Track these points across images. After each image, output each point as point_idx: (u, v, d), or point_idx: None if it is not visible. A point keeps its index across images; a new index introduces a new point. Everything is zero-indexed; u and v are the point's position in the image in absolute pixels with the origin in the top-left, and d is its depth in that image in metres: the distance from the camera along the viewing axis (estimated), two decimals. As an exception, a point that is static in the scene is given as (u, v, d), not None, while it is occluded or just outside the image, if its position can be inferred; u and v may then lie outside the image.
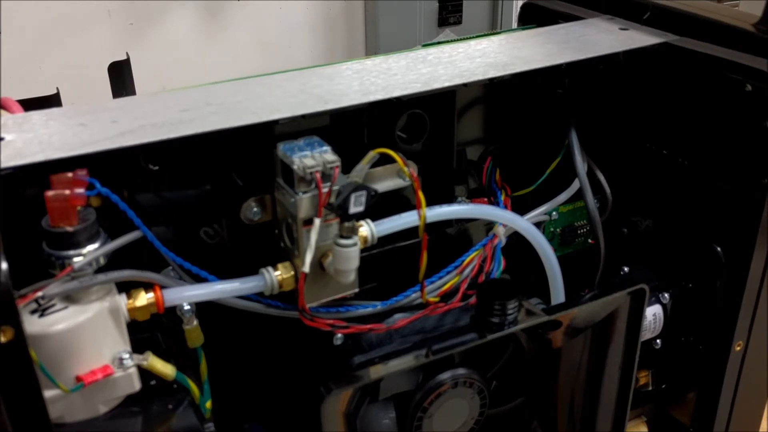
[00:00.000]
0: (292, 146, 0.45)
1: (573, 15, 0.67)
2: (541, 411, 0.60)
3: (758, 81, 0.53)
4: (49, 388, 0.40)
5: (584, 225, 0.68)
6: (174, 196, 0.49)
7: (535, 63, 0.54)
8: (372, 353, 0.52)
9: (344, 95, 0.49)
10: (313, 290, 0.48)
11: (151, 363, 0.44)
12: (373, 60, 0.56)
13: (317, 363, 0.53)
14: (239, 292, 0.47)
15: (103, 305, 0.42)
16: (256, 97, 0.49)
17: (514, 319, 0.50)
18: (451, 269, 0.55)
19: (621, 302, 0.55)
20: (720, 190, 0.57)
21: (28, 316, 0.40)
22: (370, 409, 0.51)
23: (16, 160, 0.40)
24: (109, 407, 0.44)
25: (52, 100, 0.61)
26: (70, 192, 0.40)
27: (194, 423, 0.49)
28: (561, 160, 0.63)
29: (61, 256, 0.41)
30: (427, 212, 0.48)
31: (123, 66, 0.70)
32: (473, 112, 0.61)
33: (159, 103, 0.48)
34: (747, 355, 0.61)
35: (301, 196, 0.45)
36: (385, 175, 0.52)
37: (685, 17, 0.61)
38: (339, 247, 0.45)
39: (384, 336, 0.53)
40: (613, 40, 0.60)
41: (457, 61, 0.55)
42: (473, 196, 0.62)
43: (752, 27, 0.57)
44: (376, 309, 0.53)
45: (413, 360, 0.49)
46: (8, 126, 0.45)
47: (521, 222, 0.56)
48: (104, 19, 1.39)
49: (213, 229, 0.51)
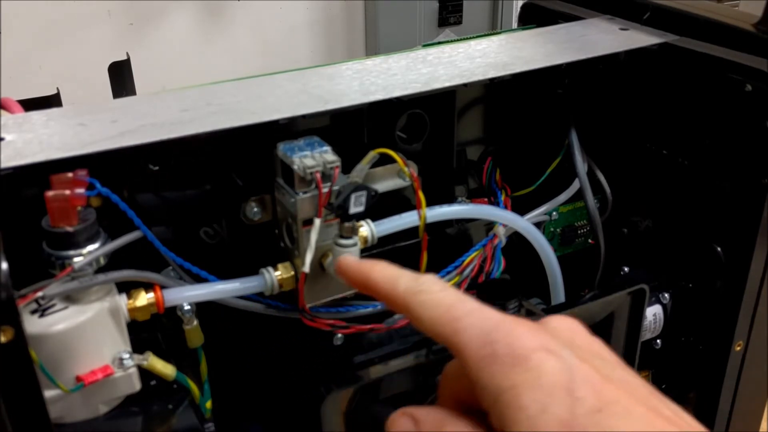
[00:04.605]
0: (292, 146, 0.45)
1: (573, 15, 0.67)
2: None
3: (758, 81, 0.53)
4: (49, 388, 0.40)
5: (584, 225, 0.68)
6: (174, 196, 0.49)
7: (535, 63, 0.54)
8: (372, 353, 0.52)
9: (344, 95, 0.49)
10: (314, 290, 0.48)
11: (151, 363, 0.44)
12: (373, 60, 0.56)
13: (317, 363, 0.53)
14: (239, 292, 0.47)
15: (104, 305, 0.42)
16: (256, 97, 0.49)
17: (514, 319, 0.50)
18: (452, 269, 0.55)
19: (621, 302, 0.55)
20: (720, 190, 0.57)
21: (28, 316, 0.40)
22: (370, 409, 0.51)
23: (16, 160, 0.40)
24: (109, 407, 0.44)
25: (52, 100, 0.61)
26: (70, 192, 0.40)
27: (194, 423, 0.49)
28: (561, 160, 0.63)
29: (61, 256, 0.41)
30: (427, 212, 0.48)
31: (123, 66, 0.70)
32: (473, 112, 0.61)
33: (159, 103, 0.48)
34: (747, 355, 0.61)
35: (301, 196, 0.45)
36: (385, 175, 0.52)
37: (685, 17, 0.61)
38: (339, 247, 0.45)
39: (384, 336, 0.53)
40: (613, 40, 0.60)
41: (457, 61, 0.55)
42: (473, 196, 0.62)
43: (752, 27, 0.57)
44: (377, 309, 0.53)
45: (413, 360, 0.49)
46: (8, 126, 0.45)
47: (521, 222, 0.56)
48: (104, 19, 1.39)
49: (213, 229, 0.51)
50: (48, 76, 1.35)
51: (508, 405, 0.27)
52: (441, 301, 0.30)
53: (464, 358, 0.29)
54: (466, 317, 0.29)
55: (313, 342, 0.52)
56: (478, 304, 0.30)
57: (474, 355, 0.28)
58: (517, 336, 0.28)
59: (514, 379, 0.27)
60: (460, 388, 0.32)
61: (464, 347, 0.29)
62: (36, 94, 0.59)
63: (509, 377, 0.27)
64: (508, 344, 0.28)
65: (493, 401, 0.28)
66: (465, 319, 0.29)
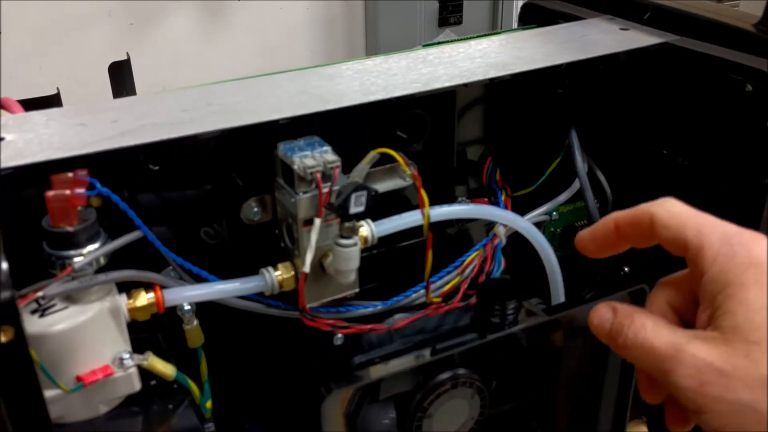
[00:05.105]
0: (292, 146, 0.45)
1: (573, 15, 0.67)
2: (541, 411, 0.60)
3: (758, 81, 0.53)
4: (49, 388, 0.40)
5: (584, 225, 0.68)
6: (174, 196, 0.49)
7: (535, 63, 0.55)
8: (372, 353, 0.52)
9: (344, 95, 0.49)
10: (314, 290, 0.48)
11: (152, 363, 0.44)
12: (373, 60, 0.56)
13: (317, 363, 0.53)
14: (239, 292, 0.47)
15: (104, 305, 0.42)
16: (256, 97, 0.49)
17: (514, 320, 0.50)
18: (452, 269, 0.55)
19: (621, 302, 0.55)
20: (720, 190, 0.57)
21: (28, 316, 0.40)
22: (370, 410, 0.51)
23: (16, 160, 0.40)
24: (109, 407, 0.44)
25: (52, 100, 0.61)
26: (70, 192, 0.40)
27: (194, 423, 0.49)
28: (561, 160, 0.63)
29: (61, 256, 0.41)
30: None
31: (123, 66, 0.70)
32: (473, 112, 0.61)
33: (159, 103, 0.48)
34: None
35: (302, 196, 0.45)
36: (385, 175, 0.52)
37: (685, 17, 0.61)
38: (339, 247, 0.45)
39: (384, 336, 0.53)
40: (614, 40, 0.60)
41: (458, 61, 0.55)
42: (473, 196, 0.62)
43: (752, 27, 0.57)
44: (377, 309, 0.53)
45: (414, 360, 0.49)
46: (8, 126, 0.45)
47: (521, 222, 0.56)
48: (104, 19, 1.39)
49: (213, 229, 0.51)
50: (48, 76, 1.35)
51: (732, 297, 0.31)
52: (684, 210, 0.36)
53: (702, 255, 0.33)
54: (710, 223, 0.34)
55: (313, 342, 0.52)
56: (714, 217, 0.35)
57: (714, 252, 0.33)
58: (757, 244, 0.33)
59: (745, 277, 0.32)
60: (672, 294, 0.37)
61: (706, 245, 0.33)
62: (36, 94, 0.59)
63: (741, 275, 0.32)
64: (748, 249, 0.33)
65: (717, 292, 0.32)
66: (709, 225, 0.34)
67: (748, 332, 0.31)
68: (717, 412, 0.31)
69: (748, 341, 0.30)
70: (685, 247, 0.35)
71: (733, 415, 0.30)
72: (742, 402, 0.30)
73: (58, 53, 1.36)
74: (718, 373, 0.31)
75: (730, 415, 0.30)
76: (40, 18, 1.33)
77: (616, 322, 0.36)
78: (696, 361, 0.31)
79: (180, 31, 1.47)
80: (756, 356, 0.30)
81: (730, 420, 0.30)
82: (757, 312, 0.31)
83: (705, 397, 0.31)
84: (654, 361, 0.33)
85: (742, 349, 0.30)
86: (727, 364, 0.31)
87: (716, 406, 0.31)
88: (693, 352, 0.32)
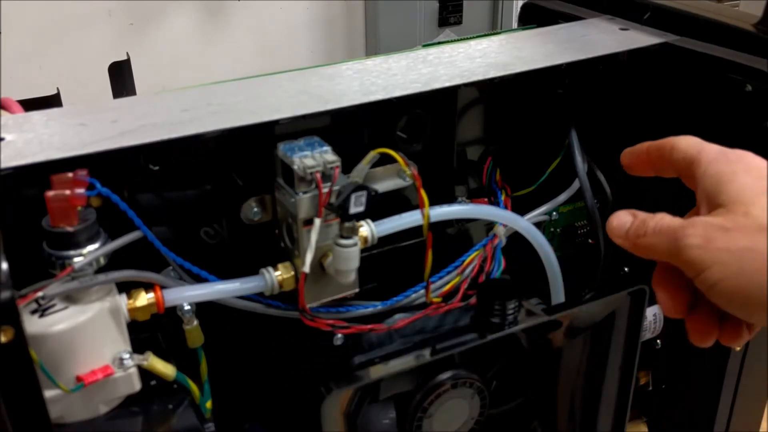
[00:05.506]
0: (292, 146, 0.45)
1: (573, 15, 0.67)
2: (541, 411, 0.60)
3: (758, 81, 0.53)
4: (49, 388, 0.40)
5: (584, 225, 0.68)
6: (174, 196, 0.49)
7: (535, 63, 0.54)
8: (372, 353, 0.52)
9: (344, 95, 0.49)
10: (314, 290, 0.48)
11: (151, 363, 0.44)
12: (373, 60, 0.56)
13: (317, 363, 0.53)
14: (239, 292, 0.47)
15: (104, 305, 0.42)
16: (256, 97, 0.49)
17: (514, 320, 0.50)
18: (452, 269, 0.55)
19: (621, 302, 0.55)
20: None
21: (28, 316, 0.40)
22: (370, 410, 0.51)
23: (16, 160, 0.40)
24: (109, 407, 0.44)
25: (52, 100, 0.61)
26: (70, 192, 0.40)
27: (194, 423, 0.49)
28: (561, 160, 0.63)
29: (61, 256, 0.41)
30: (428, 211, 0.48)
31: (123, 66, 0.70)
32: (473, 112, 0.61)
33: (159, 103, 0.48)
34: (747, 355, 0.61)
35: (302, 196, 0.45)
36: (385, 175, 0.52)
37: (685, 17, 0.61)
38: (339, 247, 0.45)
39: (384, 336, 0.53)
40: (614, 40, 0.60)
41: (458, 62, 0.55)
42: (473, 196, 0.62)
43: (752, 27, 0.57)
44: (377, 309, 0.53)
45: (414, 360, 0.49)
46: (8, 126, 0.45)
47: (521, 222, 0.56)
48: (104, 19, 1.39)
49: (213, 229, 0.51)
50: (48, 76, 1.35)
51: (727, 182, 0.38)
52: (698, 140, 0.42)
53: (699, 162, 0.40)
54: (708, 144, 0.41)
55: (313, 342, 0.52)
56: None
57: (710, 158, 0.39)
58: (746, 153, 0.39)
59: (736, 167, 0.38)
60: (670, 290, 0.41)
61: (704, 154, 0.40)
62: (36, 94, 0.59)
63: (732, 166, 0.38)
64: (739, 155, 0.39)
65: (714, 183, 0.38)
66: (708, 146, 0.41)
67: (746, 201, 0.36)
68: (720, 263, 0.35)
69: (745, 205, 0.36)
70: (690, 162, 0.40)
71: (734, 263, 0.35)
72: (742, 247, 0.35)
73: (58, 53, 1.36)
74: (722, 229, 0.36)
75: (731, 264, 0.35)
76: (40, 18, 1.33)
77: (638, 220, 0.40)
78: (703, 223, 0.36)
79: (180, 31, 1.47)
80: (754, 213, 0.36)
81: (730, 268, 0.35)
82: (749, 187, 0.37)
83: (710, 251, 0.35)
84: (667, 238, 0.38)
85: (741, 211, 0.36)
86: (729, 222, 0.36)
87: (720, 256, 0.35)
88: (701, 219, 0.37)
